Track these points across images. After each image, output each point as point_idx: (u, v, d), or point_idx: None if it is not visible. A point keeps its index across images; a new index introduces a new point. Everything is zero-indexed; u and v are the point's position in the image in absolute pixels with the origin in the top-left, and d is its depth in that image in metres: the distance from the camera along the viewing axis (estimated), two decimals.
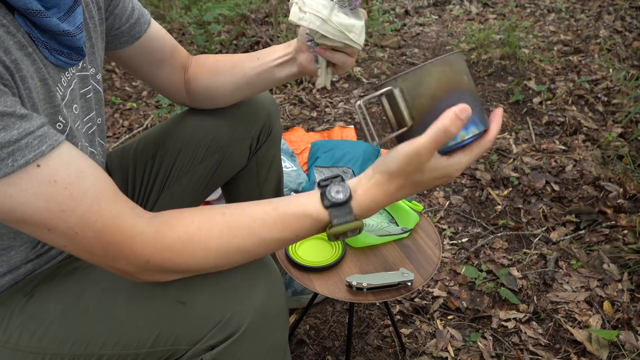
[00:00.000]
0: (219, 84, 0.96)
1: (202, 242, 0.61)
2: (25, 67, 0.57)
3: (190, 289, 0.67)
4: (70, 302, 0.68)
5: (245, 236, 0.62)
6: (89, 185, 0.57)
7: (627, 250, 1.53)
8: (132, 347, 0.67)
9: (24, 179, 0.53)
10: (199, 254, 0.61)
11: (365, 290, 0.90)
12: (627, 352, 1.24)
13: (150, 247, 0.60)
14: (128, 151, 1.02)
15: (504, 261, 1.54)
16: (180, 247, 0.61)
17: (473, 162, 0.65)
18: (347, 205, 0.62)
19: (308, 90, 2.60)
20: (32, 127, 0.53)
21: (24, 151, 0.52)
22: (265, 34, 3.28)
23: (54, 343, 0.67)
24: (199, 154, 1.02)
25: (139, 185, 1.01)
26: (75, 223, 0.57)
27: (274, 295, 0.69)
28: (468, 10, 3.62)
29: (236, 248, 0.62)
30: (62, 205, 0.55)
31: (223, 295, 0.66)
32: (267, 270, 0.70)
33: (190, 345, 0.67)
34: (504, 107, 2.35)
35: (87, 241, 0.58)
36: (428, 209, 1.76)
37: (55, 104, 0.64)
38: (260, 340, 0.68)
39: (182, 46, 0.99)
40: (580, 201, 1.75)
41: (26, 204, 0.54)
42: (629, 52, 2.77)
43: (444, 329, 1.33)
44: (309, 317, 1.37)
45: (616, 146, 2.00)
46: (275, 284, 0.70)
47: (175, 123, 1.04)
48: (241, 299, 0.66)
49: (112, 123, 2.46)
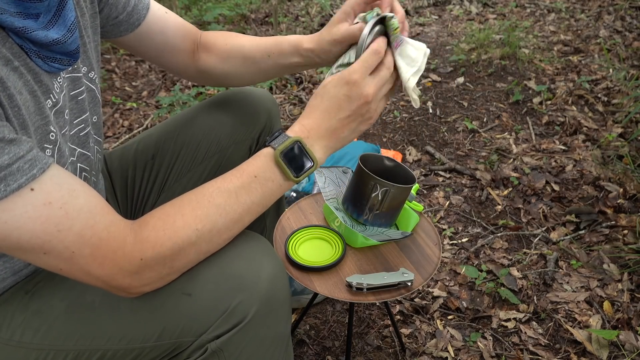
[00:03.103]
0: (230, 69, 0.96)
1: (177, 212, 0.64)
2: (12, 83, 0.57)
3: (195, 279, 0.66)
4: (74, 298, 0.68)
5: (213, 192, 0.66)
6: (82, 202, 0.58)
7: (627, 250, 1.53)
8: (138, 341, 0.67)
9: (18, 203, 0.53)
10: (179, 222, 0.63)
11: (365, 290, 0.90)
12: (627, 352, 1.24)
13: (138, 240, 0.61)
14: (128, 151, 1.02)
15: (504, 261, 1.54)
16: (161, 224, 0.63)
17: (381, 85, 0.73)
18: (283, 134, 0.71)
19: (308, 90, 2.60)
20: (21, 152, 0.53)
21: (15, 176, 0.52)
22: (265, 34, 3.28)
23: (59, 339, 0.67)
24: (198, 155, 1.02)
25: (139, 185, 1.01)
26: (72, 242, 0.57)
27: (278, 284, 0.69)
28: (468, 10, 3.62)
29: (208, 204, 0.65)
30: (59, 225, 0.56)
31: (228, 283, 0.66)
32: (271, 259, 0.70)
33: (196, 336, 0.66)
34: (504, 107, 2.35)
35: (84, 260, 0.58)
36: (428, 209, 1.76)
37: (45, 115, 0.63)
38: (266, 329, 0.68)
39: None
40: (580, 201, 1.75)
41: (22, 228, 0.54)
42: (629, 52, 2.77)
43: (444, 329, 1.33)
44: (309, 317, 1.37)
45: (616, 146, 2.00)
46: (279, 273, 0.70)
47: (176, 124, 1.03)
48: (247, 287, 0.66)
49: (112, 123, 2.46)
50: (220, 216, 0.65)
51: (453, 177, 1.93)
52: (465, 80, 2.60)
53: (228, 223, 0.66)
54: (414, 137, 2.18)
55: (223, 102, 1.05)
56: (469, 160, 2.01)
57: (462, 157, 2.04)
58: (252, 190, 0.68)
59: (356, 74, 0.70)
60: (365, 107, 0.72)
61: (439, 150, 2.07)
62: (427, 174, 1.95)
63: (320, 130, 0.72)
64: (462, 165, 1.99)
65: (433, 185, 1.88)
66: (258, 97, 1.05)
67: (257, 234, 0.74)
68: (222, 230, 0.66)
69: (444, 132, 2.20)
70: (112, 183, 1.00)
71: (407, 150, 2.08)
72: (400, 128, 2.24)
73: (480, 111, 2.33)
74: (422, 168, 1.98)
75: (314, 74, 2.72)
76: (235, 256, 0.68)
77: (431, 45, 3.07)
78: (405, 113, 2.34)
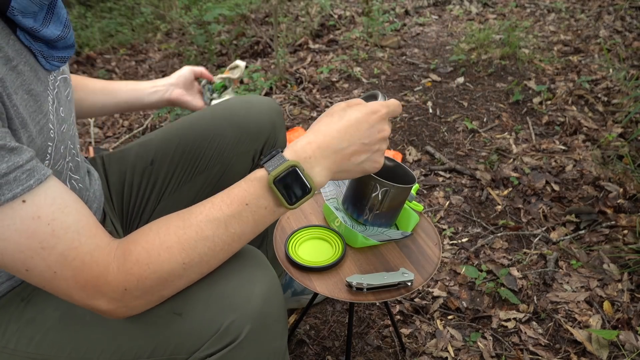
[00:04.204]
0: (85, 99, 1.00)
1: (163, 243, 0.60)
2: (10, 83, 0.56)
3: (185, 299, 0.65)
4: (67, 308, 0.68)
5: (201, 222, 0.62)
6: (71, 221, 0.57)
7: (627, 250, 1.53)
8: (131, 356, 0.66)
9: (8, 214, 0.52)
10: (164, 255, 0.60)
11: (365, 290, 0.90)
12: (627, 352, 1.24)
13: (122, 271, 0.59)
14: (127, 155, 1.01)
15: (504, 261, 1.54)
16: (145, 257, 0.60)
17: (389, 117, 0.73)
18: (280, 155, 0.66)
19: (308, 90, 2.60)
20: (21, 161, 0.52)
21: (11, 185, 0.51)
22: (265, 34, 3.28)
23: (52, 349, 0.66)
24: (200, 164, 1.01)
25: (136, 190, 1.00)
26: (54, 261, 0.56)
27: (272, 301, 0.67)
28: (468, 10, 3.62)
29: (195, 236, 0.61)
30: (43, 242, 0.54)
31: (219, 304, 0.64)
32: (264, 274, 0.68)
33: (188, 354, 0.65)
34: (504, 107, 2.35)
35: (66, 282, 0.57)
36: (428, 209, 1.76)
37: (45, 112, 0.63)
38: (260, 347, 0.66)
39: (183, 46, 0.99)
40: (580, 201, 1.75)
41: (7, 240, 0.53)
42: (629, 52, 2.77)
43: (444, 329, 1.33)
44: (309, 317, 1.37)
45: (616, 146, 2.00)
46: (273, 288, 0.68)
47: (177, 130, 1.02)
48: (238, 307, 0.64)
49: (112, 123, 2.46)
50: (208, 249, 0.62)
51: (453, 177, 1.93)
52: (465, 80, 2.60)
53: (217, 254, 0.64)
54: (414, 137, 2.18)
55: (226, 111, 1.03)
56: (469, 160, 2.01)
57: (462, 157, 2.04)
58: (243, 219, 0.64)
59: (383, 109, 0.70)
60: (381, 144, 0.70)
61: (439, 150, 2.07)
62: (427, 174, 1.95)
63: (329, 150, 0.67)
64: (462, 165, 1.99)
65: (433, 185, 1.88)
66: (262, 107, 1.04)
67: (250, 248, 0.71)
68: (211, 261, 0.64)
69: (444, 132, 2.20)
70: (108, 186, 0.99)
71: (407, 150, 2.08)
72: (400, 128, 2.24)
73: (480, 111, 2.33)
74: (422, 168, 1.98)
75: (314, 74, 2.72)
76: (227, 273, 0.66)
77: (431, 45, 3.08)
78: (405, 113, 2.34)
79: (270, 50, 3.13)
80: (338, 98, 2.51)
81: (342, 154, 0.68)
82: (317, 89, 2.61)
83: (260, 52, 3.15)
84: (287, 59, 2.91)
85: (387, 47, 3.04)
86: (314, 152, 0.66)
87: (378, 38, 3.07)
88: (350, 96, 2.52)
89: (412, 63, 2.84)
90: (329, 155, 0.67)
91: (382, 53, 2.95)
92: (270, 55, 3.09)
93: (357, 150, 0.68)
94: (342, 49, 3.06)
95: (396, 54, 2.96)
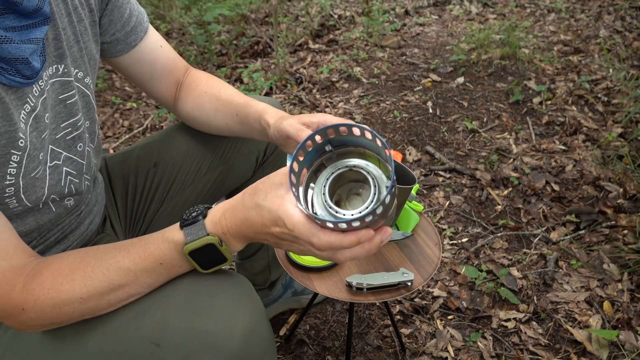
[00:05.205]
0: (200, 117, 0.95)
1: (70, 274, 0.61)
2: None
3: (165, 330, 0.62)
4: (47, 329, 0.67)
5: (111, 266, 0.62)
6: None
7: (627, 250, 1.53)
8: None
9: None
10: (65, 285, 0.61)
11: (365, 290, 0.90)
12: (627, 352, 1.24)
13: (24, 290, 0.60)
14: (130, 157, 1.00)
15: (504, 261, 1.54)
16: (49, 282, 0.61)
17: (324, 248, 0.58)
18: (201, 222, 0.62)
19: (308, 90, 2.60)
20: None
21: None
22: (265, 34, 3.28)
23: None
24: (203, 166, 1.01)
25: (140, 192, 1.00)
26: None
27: (254, 339, 0.62)
28: (468, 10, 3.62)
29: (101, 277, 0.61)
30: None
31: (198, 339, 0.61)
32: (248, 309, 0.64)
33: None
34: (504, 107, 2.35)
35: None
36: (428, 209, 1.76)
37: (13, 122, 0.61)
38: None
39: (183, 46, 0.98)
40: (580, 201, 1.75)
41: None
42: (629, 52, 2.77)
43: (444, 329, 1.33)
44: (309, 317, 1.37)
45: (616, 146, 2.00)
46: (257, 324, 0.64)
47: (179, 133, 1.02)
48: (217, 345, 0.60)
49: (112, 123, 2.46)
50: (111, 292, 0.62)
51: (453, 177, 1.93)
52: (465, 80, 2.60)
53: (120, 296, 0.63)
54: (414, 137, 2.18)
55: None
56: (469, 160, 2.01)
57: (462, 157, 2.04)
58: (156, 273, 0.63)
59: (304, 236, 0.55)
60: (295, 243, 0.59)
61: (439, 150, 2.07)
62: (427, 174, 1.95)
63: (244, 228, 0.61)
64: (462, 165, 1.99)
65: (433, 185, 1.88)
66: None
67: (236, 276, 0.68)
68: (112, 300, 0.63)
69: (444, 132, 2.20)
70: (112, 188, 0.99)
71: (407, 150, 2.08)
72: (400, 128, 2.24)
73: (480, 111, 2.33)
74: (422, 168, 1.98)
75: (314, 74, 2.72)
76: (208, 307, 0.63)
77: (431, 45, 3.08)
78: (405, 113, 2.34)
79: (270, 50, 3.13)
80: (338, 98, 2.51)
81: (253, 238, 0.63)
82: (317, 89, 2.61)
83: (260, 52, 3.16)
84: (287, 59, 2.91)
85: (387, 47, 3.04)
86: (229, 228, 0.62)
87: (378, 38, 3.07)
88: (350, 96, 2.52)
89: (412, 63, 2.84)
90: (244, 232, 0.62)
91: (382, 53, 2.95)
92: (270, 55, 3.09)
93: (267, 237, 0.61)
94: (342, 49, 3.06)
95: (396, 54, 2.96)
